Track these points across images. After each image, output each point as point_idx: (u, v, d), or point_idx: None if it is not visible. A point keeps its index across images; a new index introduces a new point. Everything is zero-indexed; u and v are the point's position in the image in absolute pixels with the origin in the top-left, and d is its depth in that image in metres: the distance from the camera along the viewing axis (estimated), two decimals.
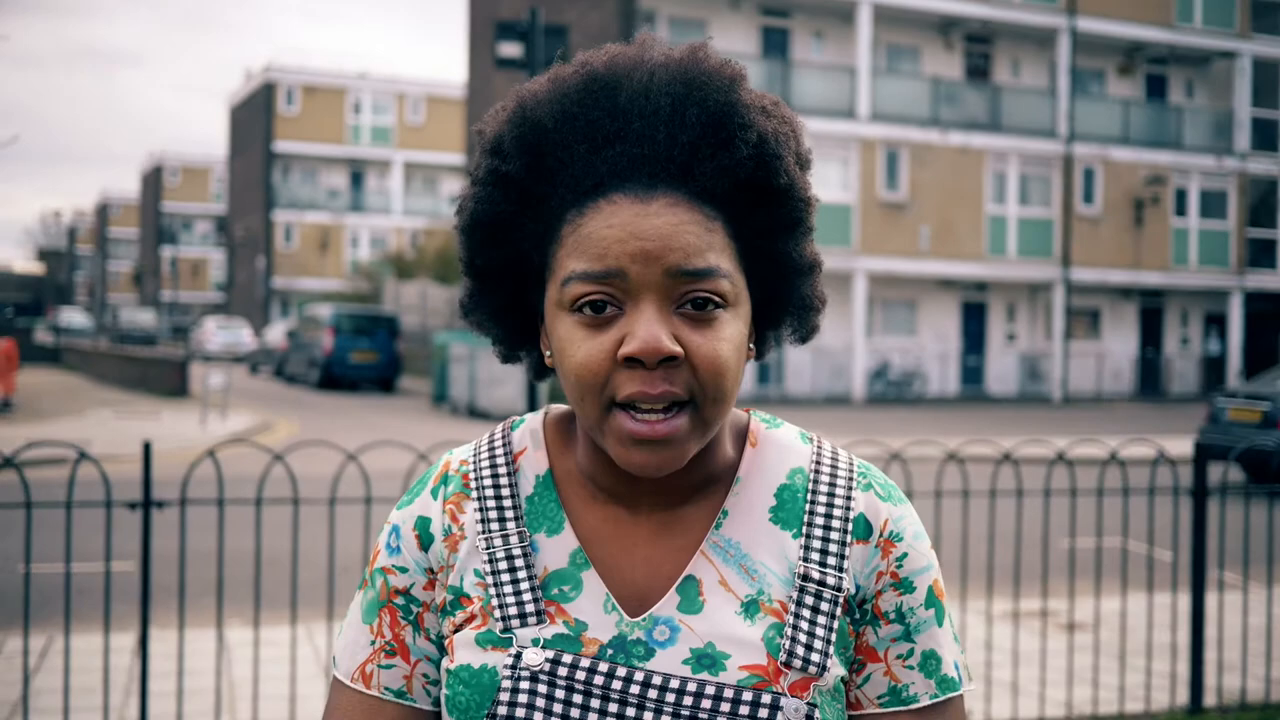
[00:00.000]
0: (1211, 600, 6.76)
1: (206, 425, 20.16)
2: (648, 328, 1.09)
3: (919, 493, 5.55)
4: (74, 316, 67.26)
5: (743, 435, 1.26)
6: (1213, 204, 34.34)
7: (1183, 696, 5.91)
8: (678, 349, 1.09)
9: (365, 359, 31.37)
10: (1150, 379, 34.85)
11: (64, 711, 4.72)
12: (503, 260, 1.20)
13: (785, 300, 1.23)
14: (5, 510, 4.72)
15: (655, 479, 1.18)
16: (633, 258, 1.10)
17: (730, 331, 1.13)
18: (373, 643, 1.24)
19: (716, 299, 1.12)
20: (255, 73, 60.84)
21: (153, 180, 78.56)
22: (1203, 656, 5.80)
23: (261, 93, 58.79)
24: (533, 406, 7.71)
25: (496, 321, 1.25)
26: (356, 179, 60.73)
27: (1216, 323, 35.53)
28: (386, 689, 1.23)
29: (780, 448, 1.25)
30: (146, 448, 4.71)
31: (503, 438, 1.28)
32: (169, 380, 28.75)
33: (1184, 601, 6.56)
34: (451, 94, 57.58)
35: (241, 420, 21.70)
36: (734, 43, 29.76)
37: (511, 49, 7.74)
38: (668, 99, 1.13)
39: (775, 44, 30.81)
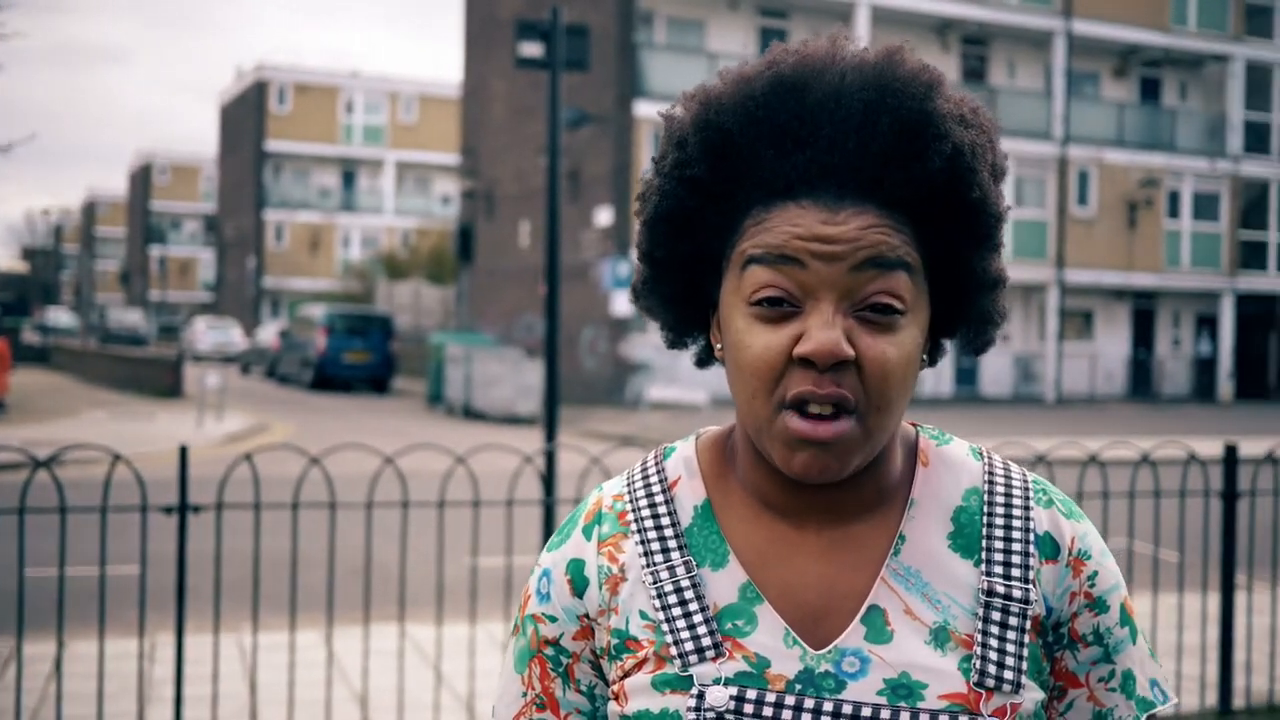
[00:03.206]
0: (1240, 601, 6.76)
1: (203, 426, 20.08)
2: (824, 329, 1.07)
3: None
4: (60, 316, 67.02)
5: (912, 451, 1.22)
6: (1205, 206, 34.45)
7: (1212, 699, 5.90)
8: (850, 352, 1.07)
9: (359, 359, 31.31)
10: (1142, 380, 34.94)
11: (97, 718, 4.67)
12: (682, 253, 1.18)
13: (965, 313, 1.19)
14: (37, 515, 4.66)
15: (825, 494, 1.15)
16: (814, 255, 1.08)
17: (905, 339, 1.10)
18: (524, 694, 1.22)
19: (897, 305, 1.09)
20: (246, 71, 60.69)
21: (141, 179, 78.27)
22: (1232, 658, 5.79)
23: (253, 91, 58.65)
24: (552, 408, 7.67)
25: (667, 309, 1.23)
26: (348, 178, 60.62)
27: (1208, 324, 35.62)
28: None
29: (952, 466, 1.21)
30: (183, 451, 4.67)
31: (656, 468, 1.24)
32: (162, 380, 28.65)
33: (1213, 603, 6.55)
34: (445, 93, 57.49)
35: (237, 421, 21.62)
36: (731, 44, 29.76)
37: (533, 49, 7.71)
38: (859, 104, 1.10)
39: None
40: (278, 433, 20.25)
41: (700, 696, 1.10)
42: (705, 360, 1.26)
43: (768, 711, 1.09)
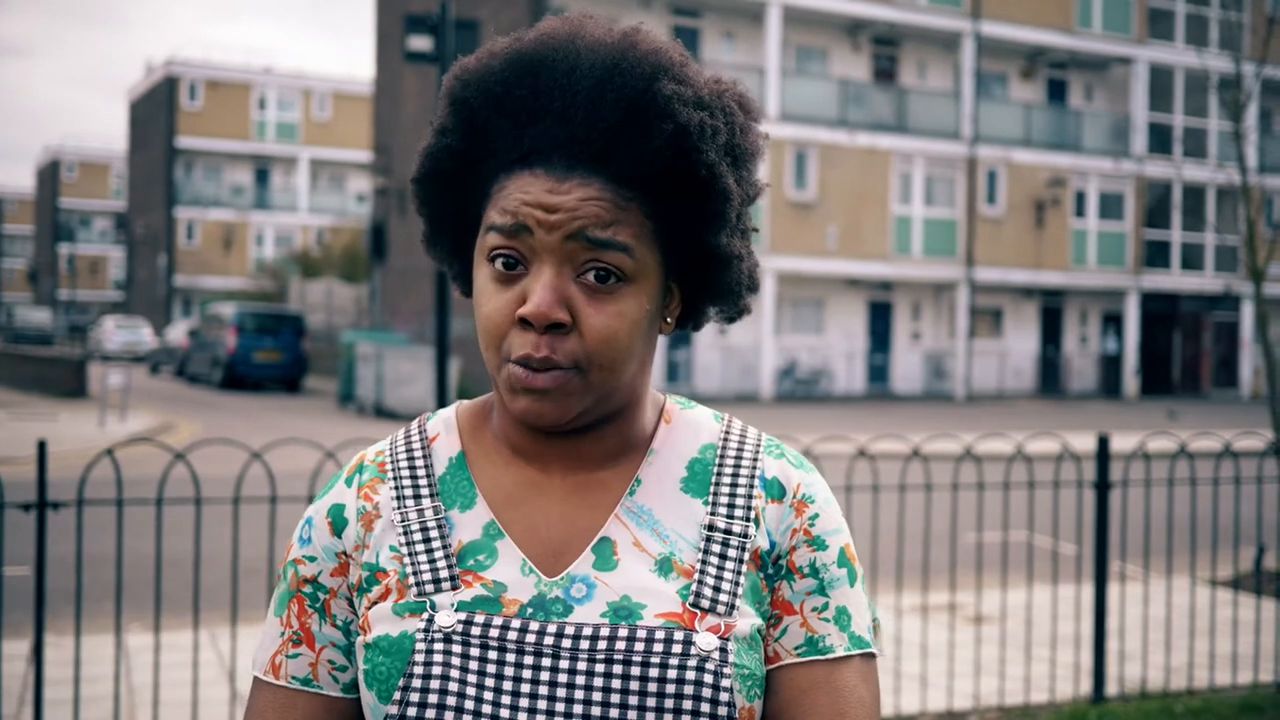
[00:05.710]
0: (1113, 591, 6.89)
1: (105, 426, 19.72)
2: (541, 293, 1.14)
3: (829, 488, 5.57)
4: None
5: (660, 413, 1.30)
6: (1111, 206, 35.11)
7: (1086, 686, 6.01)
8: (565, 317, 1.15)
9: (270, 358, 30.90)
10: (1050, 377, 35.54)
11: None
12: (448, 209, 1.26)
13: (707, 284, 1.26)
14: None
15: (567, 443, 1.23)
16: (539, 223, 1.15)
17: (628, 306, 1.17)
18: (282, 634, 1.27)
19: (616, 271, 1.16)
20: (156, 67, 59.64)
21: (49, 175, 76.67)
22: (1105, 647, 5.90)
23: (163, 87, 57.65)
24: (443, 404, 7.63)
25: (452, 260, 1.31)
26: (261, 176, 59.81)
27: (1114, 322, 36.33)
28: (294, 678, 1.25)
29: (693, 426, 1.29)
30: (41, 447, 4.58)
31: (418, 428, 1.32)
32: (66, 381, 28.04)
33: (1087, 593, 6.67)
34: (359, 90, 56.96)
35: (142, 421, 21.25)
36: None
37: (422, 43, 7.63)
38: (590, 83, 1.17)
39: (686, 43, 29.68)
40: (183, 432, 19.93)
41: (430, 620, 1.16)
42: None
43: (494, 633, 1.15)
